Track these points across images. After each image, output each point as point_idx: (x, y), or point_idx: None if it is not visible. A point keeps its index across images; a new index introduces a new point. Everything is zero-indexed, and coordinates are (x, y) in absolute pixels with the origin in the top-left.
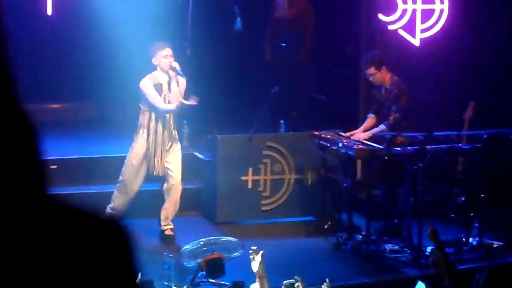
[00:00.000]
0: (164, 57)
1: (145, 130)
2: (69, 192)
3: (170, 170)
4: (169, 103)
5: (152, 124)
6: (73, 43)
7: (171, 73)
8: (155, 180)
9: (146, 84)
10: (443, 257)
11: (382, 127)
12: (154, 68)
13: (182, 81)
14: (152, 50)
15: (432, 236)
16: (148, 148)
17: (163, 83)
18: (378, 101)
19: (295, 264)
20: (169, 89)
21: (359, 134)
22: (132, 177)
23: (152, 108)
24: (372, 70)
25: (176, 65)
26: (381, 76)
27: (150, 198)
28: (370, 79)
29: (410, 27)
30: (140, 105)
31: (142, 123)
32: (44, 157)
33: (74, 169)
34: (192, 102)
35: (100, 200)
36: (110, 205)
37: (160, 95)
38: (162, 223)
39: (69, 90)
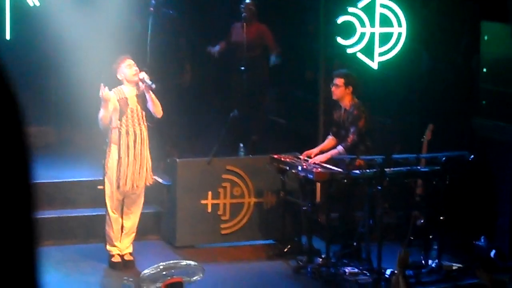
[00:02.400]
0: (128, 67)
1: (115, 147)
2: None
3: (137, 189)
4: (137, 116)
5: (123, 138)
6: (31, 67)
7: (141, 84)
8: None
9: (107, 96)
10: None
11: (339, 148)
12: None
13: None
14: (115, 66)
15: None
16: (119, 162)
17: (129, 96)
18: (337, 123)
19: (255, 287)
20: (139, 102)
21: (317, 157)
22: (118, 203)
23: (121, 122)
24: (340, 81)
25: (143, 75)
26: (343, 92)
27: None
28: (332, 88)
29: (368, 50)
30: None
31: (112, 140)
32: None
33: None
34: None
35: (59, 224)
36: (108, 246)
37: (126, 110)
38: (121, 247)
39: (28, 114)
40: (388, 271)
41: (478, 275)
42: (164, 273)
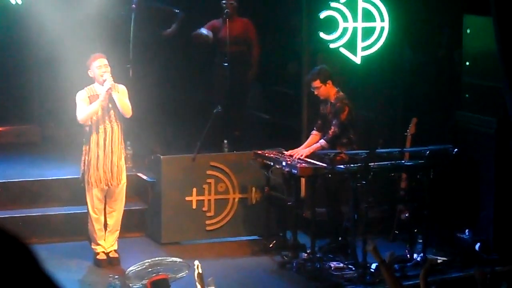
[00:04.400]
0: (98, 67)
1: (88, 146)
2: (13, 215)
3: (113, 187)
4: (108, 114)
5: (93, 136)
6: (14, 66)
7: (107, 84)
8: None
9: (79, 96)
10: (386, 273)
11: (321, 142)
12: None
13: (122, 88)
14: (88, 63)
15: (374, 253)
16: (90, 161)
17: (100, 93)
18: (322, 116)
19: (240, 283)
20: (110, 100)
21: (300, 151)
22: (98, 202)
23: (92, 120)
24: (317, 83)
25: (107, 76)
26: (326, 90)
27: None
28: (315, 92)
29: (351, 45)
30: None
31: (85, 140)
32: None
33: (17, 192)
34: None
35: (44, 222)
36: (92, 244)
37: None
38: (106, 245)
39: (11, 113)
40: (373, 266)
41: (474, 272)
42: (149, 270)
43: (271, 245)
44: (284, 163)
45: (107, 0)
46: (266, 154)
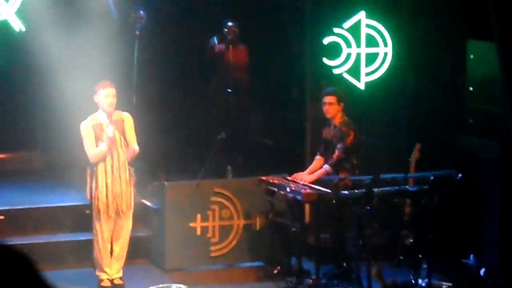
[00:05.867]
0: (105, 96)
1: (92, 170)
2: (18, 243)
3: (123, 214)
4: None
5: (101, 165)
6: (18, 93)
7: (111, 114)
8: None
9: (84, 129)
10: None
11: (325, 167)
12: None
13: (128, 118)
14: (95, 88)
15: (377, 277)
16: (98, 188)
17: (104, 123)
18: (326, 141)
19: None
20: (116, 128)
21: (305, 177)
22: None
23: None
24: (333, 99)
25: (110, 131)
26: (336, 109)
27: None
28: (325, 108)
29: (354, 70)
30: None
31: (91, 165)
32: None
33: (22, 220)
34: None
35: (48, 249)
36: (97, 271)
37: (101, 136)
38: (111, 272)
39: (15, 140)
40: None
41: None
42: None
43: (275, 271)
44: (288, 189)
45: (111, 27)
46: (270, 180)
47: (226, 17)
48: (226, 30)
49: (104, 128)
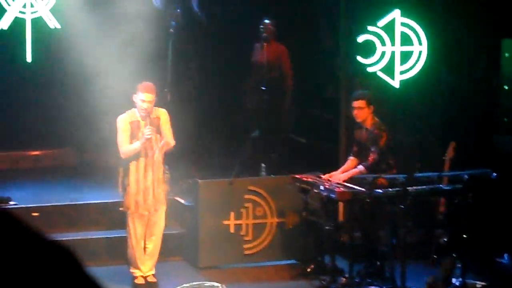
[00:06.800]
0: (142, 101)
1: (128, 169)
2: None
3: (155, 212)
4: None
5: (134, 162)
6: (52, 90)
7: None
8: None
9: (120, 123)
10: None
11: (360, 167)
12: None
13: (164, 113)
14: (137, 87)
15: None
16: (130, 186)
17: (142, 121)
18: (358, 142)
19: None
20: (151, 126)
21: (338, 176)
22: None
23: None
24: (362, 103)
25: (148, 132)
26: (366, 113)
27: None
28: (354, 112)
29: (389, 69)
30: None
31: (124, 162)
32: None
33: (55, 216)
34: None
35: (82, 246)
36: (131, 268)
37: (137, 133)
38: (144, 269)
39: (49, 137)
40: None
41: None
42: None
43: (309, 270)
44: (322, 187)
45: (146, 24)
46: (304, 178)
47: (262, 17)
48: (262, 27)
49: (141, 126)
